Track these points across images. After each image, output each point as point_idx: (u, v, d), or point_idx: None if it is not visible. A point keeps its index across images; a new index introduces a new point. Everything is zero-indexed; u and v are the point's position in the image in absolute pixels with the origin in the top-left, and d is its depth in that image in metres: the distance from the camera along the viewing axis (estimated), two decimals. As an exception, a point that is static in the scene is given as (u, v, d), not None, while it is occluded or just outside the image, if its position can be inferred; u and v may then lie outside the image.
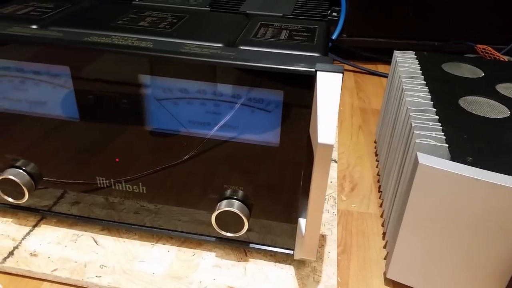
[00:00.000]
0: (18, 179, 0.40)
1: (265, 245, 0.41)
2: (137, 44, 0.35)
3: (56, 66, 0.35)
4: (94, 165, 0.39)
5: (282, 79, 0.31)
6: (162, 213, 0.41)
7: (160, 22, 0.41)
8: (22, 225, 0.44)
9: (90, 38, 0.36)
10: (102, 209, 0.42)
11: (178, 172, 0.38)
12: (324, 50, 0.36)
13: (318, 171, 0.30)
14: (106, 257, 0.41)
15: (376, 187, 0.54)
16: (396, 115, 0.47)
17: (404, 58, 0.54)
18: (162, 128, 0.36)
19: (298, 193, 0.36)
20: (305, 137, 0.33)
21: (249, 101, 0.34)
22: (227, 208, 0.37)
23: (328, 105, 0.29)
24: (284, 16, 0.45)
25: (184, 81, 0.34)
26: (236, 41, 0.38)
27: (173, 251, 0.42)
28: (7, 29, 0.37)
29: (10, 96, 0.38)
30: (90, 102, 0.36)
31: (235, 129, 0.35)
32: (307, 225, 0.33)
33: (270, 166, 0.36)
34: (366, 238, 0.46)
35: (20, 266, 0.40)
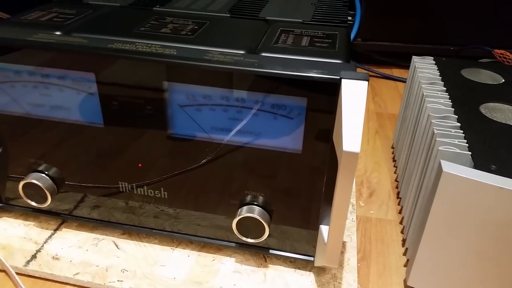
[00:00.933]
0: (41, 183, 0.40)
1: (284, 251, 0.41)
2: (161, 51, 0.35)
3: (81, 73, 0.35)
4: (117, 170, 0.40)
5: (306, 87, 0.32)
6: (181, 217, 0.42)
7: (182, 29, 0.41)
8: (43, 229, 0.45)
9: (114, 45, 0.36)
10: (122, 213, 0.43)
11: (200, 177, 0.38)
12: (346, 57, 0.36)
13: (342, 179, 0.30)
14: (127, 261, 0.41)
15: (394, 193, 0.53)
16: (416, 121, 0.47)
17: (423, 63, 0.54)
18: (185, 134, 0.37)
19: (320, 200, 0.36)
20: (328, 144, 0.33)
21: (271, 108, 0.34)
22: (248, 214, 0.37)
23: (354, 113, 0.29)
24: (304, 22, 0.45)
25: (207, 88, 0.34)
26: (257, 47, 0.39)
27: (193, 255, 0.42)
28: (32, 36, 0.38)
29: (34, 101, 0.38)
30: (115, 108, 0.36)
31: (257, 136, 0.35)
32: (330, 232, 0.33)
33: (292, 173, 0.36)
34: (386, 245, 0.46)
35: (42, 270, 0.40)
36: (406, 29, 0.86)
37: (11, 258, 0.41)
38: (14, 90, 0.38)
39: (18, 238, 0.43)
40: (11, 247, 0.42)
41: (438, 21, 0.85)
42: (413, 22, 0.86)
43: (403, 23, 0.86)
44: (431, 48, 0.86)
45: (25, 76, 0.37)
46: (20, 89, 0.38)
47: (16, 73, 0.37)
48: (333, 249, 0.34)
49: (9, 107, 0.39)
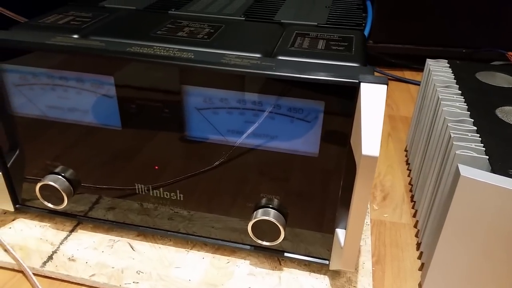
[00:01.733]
0: (58, 185, 0.41)
1: (299, 254, 0.41)
2: (178, 55, 0.36)
3: (100, 76, 0.36)
4: (133, 172, 0.40)
5: (324, 90, 0.32)
6: (195, 219, 0.42)
7: (198, 32, 0.42)
8: (59, 230, 0.45)
9: (132, 49, 0.36)
10: (137, 215, 0.43)
11: (216, 180, 0.39)
12: (363, 60, 0.36)
13: (361, 182, 0.30)
14: (142, 263, 0.41)
15: (408, 197, 0.53)
16: (431, 125, 0.47)
17: (437, 66, 0.54)
18: (201, 136, 0.37)
19: (336, 204, 0.36)
20: (345, 148, 0.33)
21: (288, 111, 0.34)
22: (264, 217, 0.37)
23: (373, 117, 0.29)
24: (319, 25, 0.45)
25: (224, 91, 0.35)
26: (273, 51, 0.39)
27: (207, 258, 0.42)
28: (50, 39, 0.38)
29: (52, 104, 0.39)
30: (132, 110, 0.37)
31: (273, 139, 0.35)
32: (347, 236, 0.33)
33: (308, 176, 0.36)
34: (400, 249, 0.46)
35: (59, 271, 0.40)
36: (417, 31, 0.86)
37: (28, 259, 0.42)
38: (32, 93, 0.39)
39: (34, 239, 0.44)
40: (28, 248, 0.43)
41: (450, 23, 0.84)
42: (425, 24, 0.85)
43: (415, 25, 0.86)
44: (443, 51, 0.86)
45: (43, 79, 0.38)
46: (38, 92, 0.38)
47: (35, 76, 0.38)
48: (350, 253, 0.33)
49: (27, 109, 0.40)
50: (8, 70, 0.38)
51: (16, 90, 0.39)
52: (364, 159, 0.29)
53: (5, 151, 0.42)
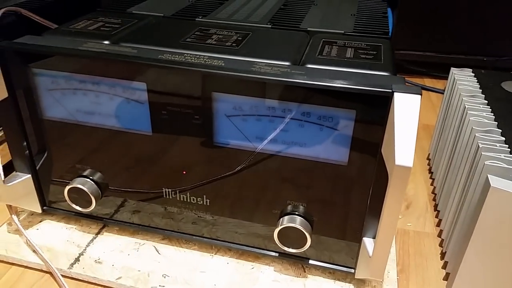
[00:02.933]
0: (86, 188, 0.41)
1: (323, 262, 0.41)
2: (209, 62, 0.36)
3: (133, 82, 0.36)
4: (162, 176, 0.40)
5: (356, 99, 0.32)
6: (219, 224, 0.42)
7: (226, 40, 0.42)
8: (85, 232, 0.46)
9: (164, 56, 0.37)
10: (161, 219, 0.44)
11: (243, 186, 0.39)
12: (393, 69, 0.36)
13: (393, 193, 0.30)
14: (168, 267, 0.42)
15: (431, 206, 0.53)
16: (457, 134, 0.47)
17: (462, 75, 0.53)
18: (230, 143, 0.37)
19: (364, 213, 0.36)
20: (375, 157, 0.34)
21: (318, 119, 0.34)
22: (290, 224, 0.37)
23: (406, 127, 0.29)
24: (346, 33, 0.45)
25: (254, 99, 0.35)
26: (301, 59, 0.39)
27: (232, 263, 0.42)
28: (82, 45, 0.39)
29: (84, 108, 0.39)
30: (163, 116, 0.37)
31: (302, 146, 0.36)
32: (377, 245, 0.33)
33: (336, 184, 0.36)
34: (424, 258, 0.45)
35: (86, 273, 0.41)
36: (438, 39, 0.86)
37: (55, 260, 0.42)
38: (64, 97, 0.39)
39: (61, 241, 0.45)
40: (55, 250, 0.43)
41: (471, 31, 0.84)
42: (446, 32, 0.85)
43: (436, 33, 0.85)
44: (465, 59, 0.85)
45: (75, 84, 0.38)
46: (70, 96, 0.39)
47: (67, 81, 0.39)
48: (379, 263, 0.33)
49: (58, 113, 0.41)
50: (41, 75, 0.39)
51: (48, 94, 0.40)
52: (397, 169, 0.29)
53: (34, 154, 0.43)
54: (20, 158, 0.43)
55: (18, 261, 0.43)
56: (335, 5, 0.57)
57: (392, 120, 0.30)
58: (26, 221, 0.47)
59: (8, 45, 0.38)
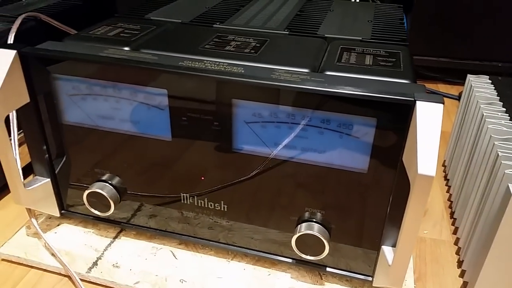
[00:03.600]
0: (105, 193, 0.42)
1: (340, 269, 0.41)
2: (229, 69, 0.36)
3: (154, 89, 0.37)
4: (180, 182, 0.41)
5: (377, 107, 0.32)
6: (235, 230, 0.42)
7: (244, 46, 0.42)
8: (103, 236, 0.46)
9: (184, 63, 0.37)
10: (178, 223, 0.44)
11: (261, 192, 0.39)
12: (413, 77, 0.36)
13: (415, 202, 0.30)
14: (185, 272, 0.42)
15: (447, 213, 0.52)
16: (474, 142, 0.46)
17: (479, 82, 0.53)
18: (249, 149, 0.37)
19: (383, 221, 0.36)
20: (395, 165, 0.33)
21: (338, 126, 0.34)
22: (309, 231, 0.37)
23: (429, 136, 0.29)
24: (364, 40, 0.45)
25: (274, 106, 0.35)
26: (320, 66, 0.39)
27: (248, 269, 0.43)
28: (103, 51, 0.40)
29: (104, 114, 0.40)
30: (183, 122, 0.37)
31: (321, 154, 0.36)
32: (397, 254, 0.33)
33: (356, 192, 0.36)
34: (441, 266, 0.45)
35: (104, 277, 0.41)
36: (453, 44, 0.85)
37: (73, 264, 0.43)
38: (84, 103, 0.40)
39: (79, 245, 0.45)
40: (73, 253, 0.44)
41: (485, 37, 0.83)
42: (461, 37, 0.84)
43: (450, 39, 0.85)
44: (480, 65, 0.85)
45: (96, 90, 0.39)
46: (90, 102, 0.40)
47: (88, 87, 0.39)
48: (399, 272, 0.33)
49: (78, 119, 0.41)
50: (63, 80, 0.39)
51: (69, 100, 0.40)
52: (420, 178, 0.29)
53: (53, 158, 0.44)
54: (40, 162, 0.44)
55: (37, 264, 0.43)
56: (351, 11, 0.57)
57: (414, 128, 0.30)
58: (44, 225, 0.48)
59: (31, 51, 0.38)
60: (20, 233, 0.47)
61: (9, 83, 0.38)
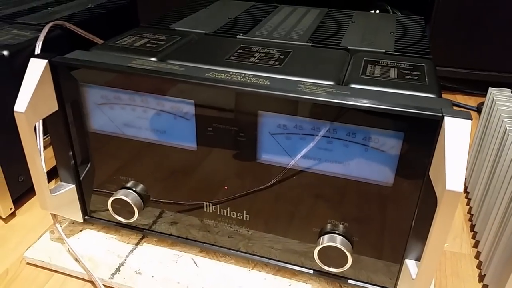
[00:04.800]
0: (129, 200, 0.42)
1: (361, 282, 0.41)
2: (255, 81, 0.37)
3: (181, 99, 0.37)
4: (203, 191, 0.41)
5: (404, 121, 0.32)
6: (255, 239, 0.42)
7: (268, 58, 0.43)
8: (125, 243, 0.47)
9: (210, 74, 0.38)
10: (198, 231, 0.44)
11: (284, 203, 0.39)
12: (439, 91, 0.37)
13: (442, 216, 0.30)
14: (206, 280, 0.42)
15: (467, 226, 0.52)
16: (497, 156, 0.46)
17: (501, 95, 0.53)
18: (273, 160, 0.38)
19: (406, 234, 0.36)
20: (421, 180, 0.34)
21: (363, 140, 0.34)
22: (333, 244, 0.37)
23: (457, 152, 0.29)
24: (387, 52, 0.46)
25: (299, 118, 0.35)
26: (344, 78, 0.39)
27: (269, 279, 0.43)
28: (131, 62, 0.40)
29: (130, 123, 0.41)
30: (209, 133, 0.38)
31: (346, 166, 0.36)
32: (422, 268, 0.33)
33: (380, 205, 0.36)
34: (461, 280, 0.45)
35: (127, 283, 0.42)
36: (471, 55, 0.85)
37: (96, 269, 0.43)
38: (112, 112, 0.41)
39: (102, 251, 0.46)
40: (96, 259, 0.44)
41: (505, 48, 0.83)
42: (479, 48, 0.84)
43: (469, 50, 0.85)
44: (498, 76, 0.84)
45: (124, 99, 0.40)
46: (118, 111, 0.40)
47: (116, 96, 0.40)
48: (422, 285, 0.33)
49: (105, 127, 0.42)
50: (91, 89, 0.40)
51: (97, 109, 0.41)
52: (448, 194, 0.29)
53: (78, 165, 0.45)
54: (65, 168, 0.44)
55: (61, 269, 0.44)
56: (373, 23, 0.57)
57: (442, 144, 0.30)
58: (68, 230, 0.48)
59: (62, 60, 0.39)
60: (44, 238, 0.47)
61: (40, 92, 0.39)
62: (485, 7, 0.80)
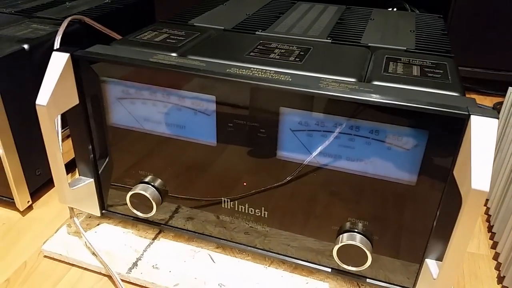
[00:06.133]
0: (148, 194, 0.43)
1: (380, 281, 0.40)
2: (276, 77, 0.37)
3: (202, 95, 0.37)
4: (222, 186, 0.41)
5: (429, 120, 0.32)
6: (271, 236, 0.42)
7: (289, 54, 0.43)
8: (142, 237, 0.47)
9: (232, 70, 0.38)
10: (214, 227, 0.44)
11: (303, 200, 0.39)
12: (462, 89, 0.36)
13: (466, 216, 0.29)
14: (223, 276, 0.42)
15: (485, 227, 0.52)
16: (518, 156, 0.46)
17: (522, 95, 0.52)
18: (293, 157, 0.38)
19: (427, 234, 0.36)
20: (445, 178, 0.33)
21: (386, 137, 0.34)
22: (353, 242, 0.37)
23: (483, 151, 0.29)
24: (408, 50, 0.45)
25: (321, 115, 0.35)
26: (366, 75, 0.39)
27: (286, 276, 0.43)
28: (152, 57, 0.40)
29: (151, 118, 0.41)
30: (229, 129, 0.38)
31: (368, 164, 0.36)
32: (444, 268, 0.32)
33: (402, 204, 0.36)
34: (480, 281, 0.44)
35: (144, 278, 0.42)
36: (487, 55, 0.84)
37: (113, 263, 0.43)
38: (133, 106, 0.41)
39: (119, 245, 0.46)
40: (113, 253, 0.45)
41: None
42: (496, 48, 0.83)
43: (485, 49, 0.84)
44: (514, 76, 0.83)
45: (145, 94, 0.40)
46: (138, 106, 0.40)
47: (137, 91, 0.40)
48: (444, 286, 0.33)
49: (125, 121, 0.42)
50: (112, 84, 0.40)
51: (117, 103, 0.41)
52: (473, 193, 0.28)
53: (97, 159, 0.45)
54: (84, 162, 0.45)
55: (78, 262, 0.44)
56: (392, 20, 0.57)
57: (468, 143, 0.30)
58: (84, 224, 0.49)
59: (84, 54, 0.39)
60: (61, 231, 0.48)
61: (62, 85, 0.39)
62: (501, 6, 0.79)
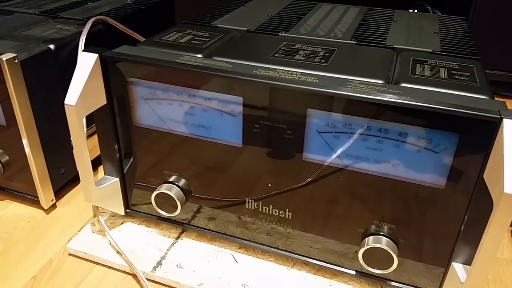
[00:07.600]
0: (173, 194, 0.43)
1: (404, 284, 0.40)
2: (303, 79, 0.37)
3: (229, 96, 0.37)
4: (247, 187, 0.41)
5: (460, 122, 0.31)
6: (293, 237, 0.42)
7: (314, 56, 0.43)
8: (166, 236, 0.47)
9: (258, 71, 0.38)
10: (236, 227, 0.44)
11: (329, 202, 0.39)
12: (491, 92, 0.36)
13: (498, 220, 0.29)
14: (246, 276, 0.42)
15: (509, 231, 0.51)
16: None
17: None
18: (320, 159, 0.38)
19: (455, 237, 0.36)
20: (474, 182, 0.33)
21: (415, 140, 0.34)
22: (380, 245, 0.37)
23: (517, 155, 0.28)
24: (434, 52, 0.45)
25: (348, 117, 0.35)
26: (393, 77, 0.39)
27: (309, 278, 0.43)
28: (179, 58, 0.41)
29: (177, 118, 0.41)
30: (256, 130, 0.38)
31: (396, 167, 0.35)
32: (473, 273, 0.32)
33: (430, 207, 0.35)
34: (505, 286, 0.44)
35: (168, 277, 0.42)
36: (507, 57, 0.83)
37: (138, 262, 0.44)
38: (159, 107, 0.41)
39: (143, 244, 0.46)
40: (137, 252, 0.45)
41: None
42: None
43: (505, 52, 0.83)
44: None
45: (172, 95, 0.40)
46: (165, 106, 0.41)
47: (164, 92, 0.40)
48: (473, 290, 0.33)
49: (151, 122, 0.42)
50: (139, 85, 0.41)
51: (144, 103, 0.42)
52: (506, 197, 0.28)
53: (123, 158, 0.45)
54: (110, 162, 0.45)
55: (103, 261, 0.45)
56: (415, 22, 0.56)
57: (500, 146, 0.29)
58: (108, 222, 0.49)
59: (112, 55, 0.40)
60: (86, 230, 0.48)
61: (90, 86, 0.39)
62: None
